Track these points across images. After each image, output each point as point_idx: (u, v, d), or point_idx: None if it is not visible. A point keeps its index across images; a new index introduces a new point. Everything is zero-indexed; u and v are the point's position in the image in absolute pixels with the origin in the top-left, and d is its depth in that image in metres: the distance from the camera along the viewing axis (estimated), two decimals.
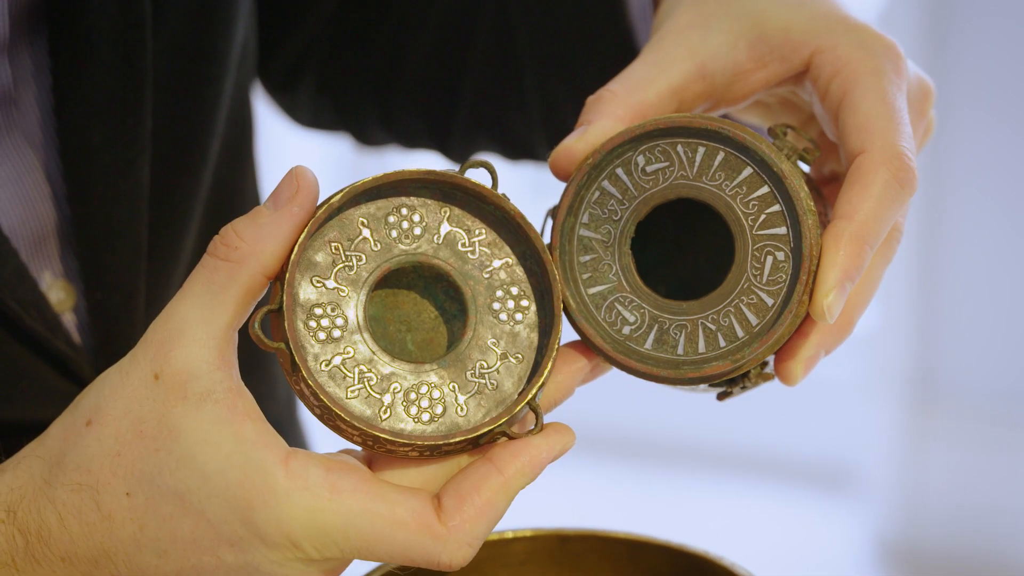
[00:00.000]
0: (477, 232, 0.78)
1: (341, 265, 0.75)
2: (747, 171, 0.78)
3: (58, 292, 0.93)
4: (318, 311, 0.75)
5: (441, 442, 0.74)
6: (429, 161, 1.00)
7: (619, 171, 0.79)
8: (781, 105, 0.88)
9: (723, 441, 2.88)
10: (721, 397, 0.80)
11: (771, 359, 0.79)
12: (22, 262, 0.89)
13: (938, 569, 2.58)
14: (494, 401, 0.76)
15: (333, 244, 0.75)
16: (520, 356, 0.77)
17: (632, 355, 0.79)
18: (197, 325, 0.73)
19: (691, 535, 0.96)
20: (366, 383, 0.75)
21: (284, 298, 0.73)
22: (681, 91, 0.81)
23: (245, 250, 0.73)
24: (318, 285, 0.75)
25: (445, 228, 0.77)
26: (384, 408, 0.75)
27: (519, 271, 0.78)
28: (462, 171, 0.77)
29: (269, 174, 1.32)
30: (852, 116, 0.79)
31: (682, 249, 0.85)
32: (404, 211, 0.77)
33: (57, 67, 0.90)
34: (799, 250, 0.77)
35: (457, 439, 0.74)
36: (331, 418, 0.74)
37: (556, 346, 0.77)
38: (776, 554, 2.59)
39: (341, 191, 0.75)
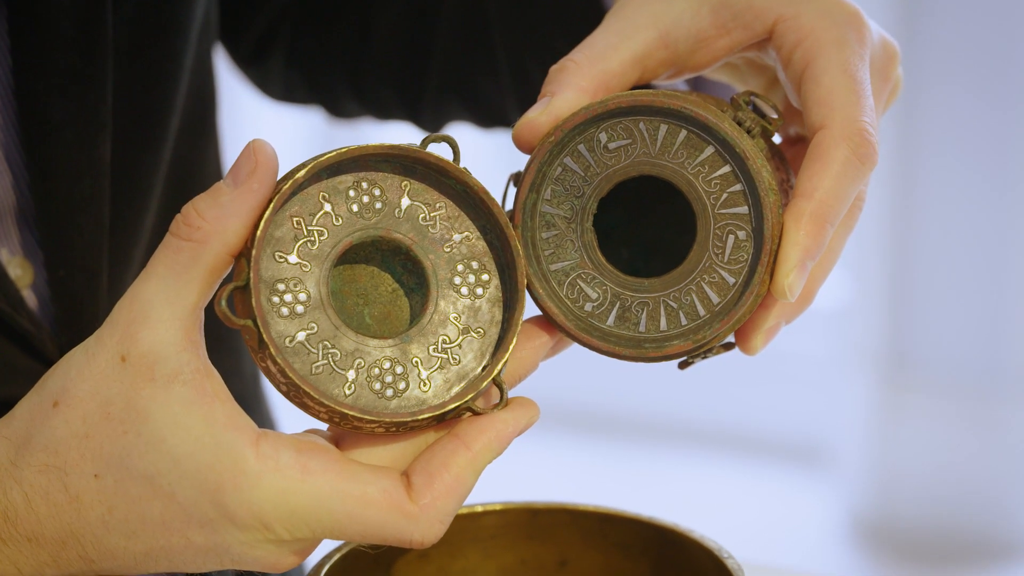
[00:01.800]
0: (438, 206, 0.78)
1: (303, 240, 0.75)
2: (709, 150, 0.78)
3: (15, 269, 0.92)
4: (281, 287, 0.74)
5: (408, 419, 0.74)
6: (393, 136, 0.99)
7: (581, 148, 0.79)
8: (748, 66, 0.87)
9: (696, 417, 2.89)
10: (682, 366, 0.80)
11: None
12: None
13: (911, 544, 2.59)
14: (457, 375, 0.76)
15: (295, 219, 0.75)
16: (481, 330, 0.77)
17: (594, 332, 0.79)
18: (163, 306, 0.72)
19: (664, 510, 0.96)
20: (330, 359, 0.74)
21: (251, 275, 0.72)
22: (644, 59, 0.81)
23: (207, 229, 0.72)
24: (280, 260, 0.74)
25: (406, 202, 0.77)
26: (348, 384, 0.74)
27: (480, 245, 0.78)
28: (423, 145, 0.77)
29: (236, 149, 1.31)
30: (814, 88, 0.78)
31: (645, 218, 0.85)
32: (365, 185, 0.76)
33: (16, 44, 0.89)
34: (760, 230, 0.77)
35: (424, 416, 0.74)
36: (297, 395, 0.73)
37: (519, 321, 0.77)
38: (749, 530, 2.59)
39: (304, 166, 0.75)
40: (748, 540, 2.54)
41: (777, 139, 0.88)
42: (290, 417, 1.19)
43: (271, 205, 0.73)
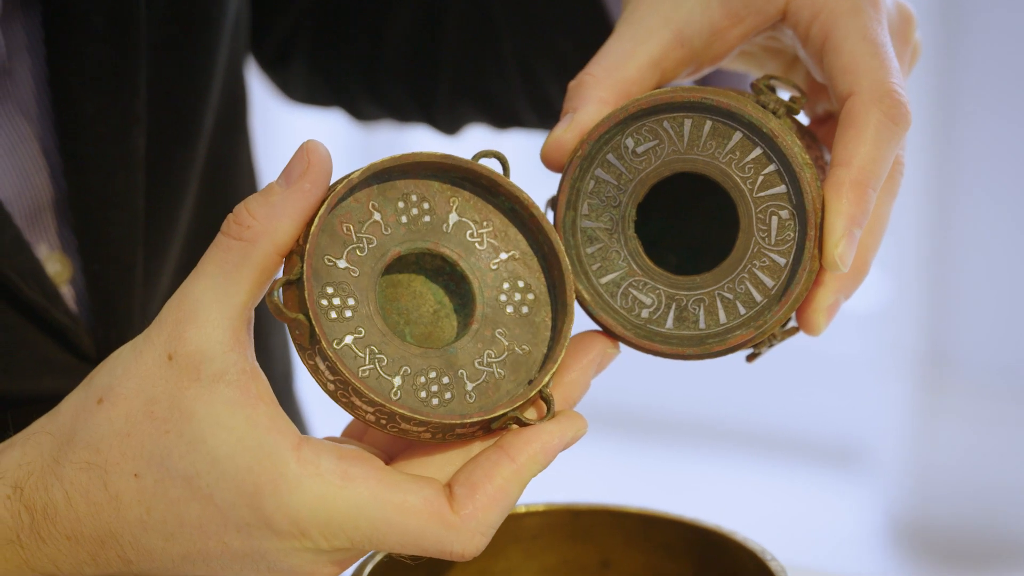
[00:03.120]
0: (485, 223, 0.77)
1: (352, 246, 0.75)
2: (737, 136, 0.77)
3: (54, 264, 0.92)
4: (330, 289, 0.74)
5: (456, 422, 0.73)
6: (443, 145, 0.99)
7: (610, 157, 0.79)
8: (764, 52, 0.87)
9: (736, 417, 2.88)
10: (750, 358, 0.80)
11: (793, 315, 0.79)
12: (19, 232, 0.88)
13: (949, 546, 2.57)
14: (502, 391, 0.75)
15: (345, 225, 0.75)
16: (527, 347, 0.76)
17: (655, 337, 0.78)
18: (211, 305, 0.72)
19: (703, 511, 0.96)
20: (377, 364, 0.74)
21: (304, 268, 0.72)
22: (661, 61, 0.81)
23: (258, 228, 0.72)
24: (330, 263, 0.74)
25: (454, 218, 0.77)
26: (395, 390, 0.74)
27: (528, 262, 0.78)
28: (475, 158, 0.77)
29: (267, 150, 1.32)
30: (836, 58, 0.78)
31: (687, 218, 0.85)
32: (414, 198, 0.76)
33: (51, 38, 0.89)
34: (802, 206, 0.76)
35: (472, 419, 0.73)
36: (346, 393, 0.72)
37: (568, 334, 0.76)
38: (788, 530, 2.59)
39: (360, 169, 0.74)
40: (786, 541, 2.54)
41: (805, 121, 0.87)
42: (321, 421, 1.19)
43: (325, 204, 0.73)
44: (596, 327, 0.79)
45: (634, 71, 0.80)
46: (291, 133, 2.63)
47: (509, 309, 0.77)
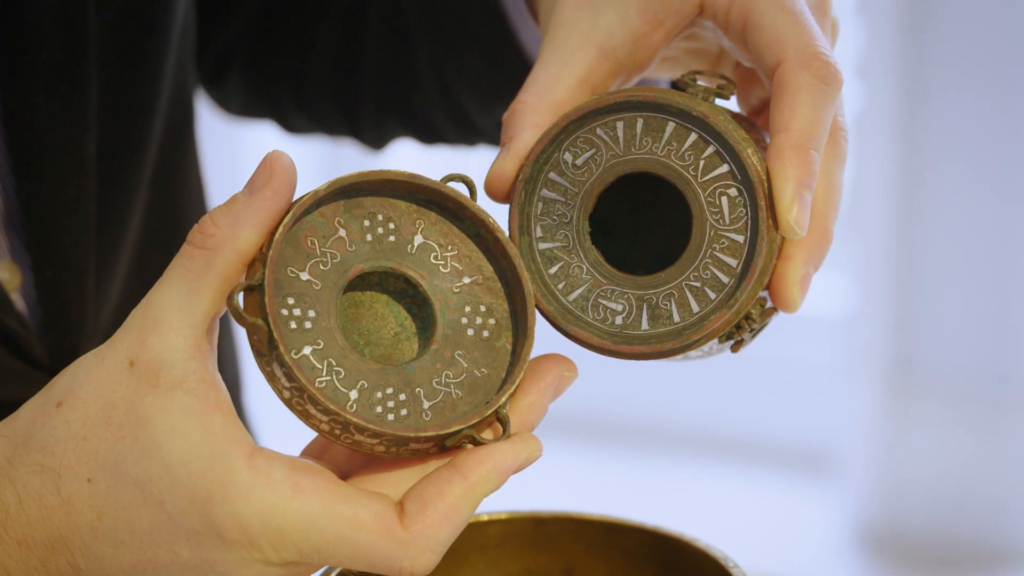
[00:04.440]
0: (450, 247, 0.78)
1: (316, 260, 0.75)
2: (671, 126, 0.78)
3: (3, 272, 0.92)
4: (291, 300, 0.74)
5: (411, 434, 0.73)
6: (412, 165, 1.00)
7: (552, 176, 0.79)
8: (687, 55, 0.88)
9: (703, 424, 2.89)
10: (735, 348, 0.80)
11: (767, 295, 0.79)
12: None
13: (918, 552, 2.58)
14: (458, 411, 0.75)
15: (310, 238, 0.75)
16: (486, 370, 0.76)
17: (634, 341, 0.78)
18: (174, 313, 0.72)
19: (671, 518, 0.96)
20: (334, 376, 0.74)
21: (266, 274, 0.72)
22: (589, 78, 0.82)
23: (220, 236, 0.72)
24: (292, 275, 0.74)
25: (419, 240, 0.77)
26: (351, 403, 0.73)
27: (491, 287, 0.78)
28: (444, 181, 0.77)
29: (215, 161, 1.33)
30: (759, 34, 0.79)
31: (650, 227, 0.85)
32: (380, 217, 0.77)
33: (1, 45, 0.89)
34: (748, 180, 0.77)
35: (427, 433, 0.73)
36: (301, 401, 0.72)
37: (527, 357, 0.76)
38: (756, 537, 2.59)
39: (326, 183, 0.75)
40: (753, 548, 2.54)
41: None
42: (269, 431, 1.19)
43: (290, 213, 0.73)
44: (556, 351, 0.79)
45: (564, 92, 0.81)
46: (255, 147, 2.63)
47: (470, 332, 0.77)
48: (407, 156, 1.19)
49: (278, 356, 0.72)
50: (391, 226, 0.77)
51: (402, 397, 0.74)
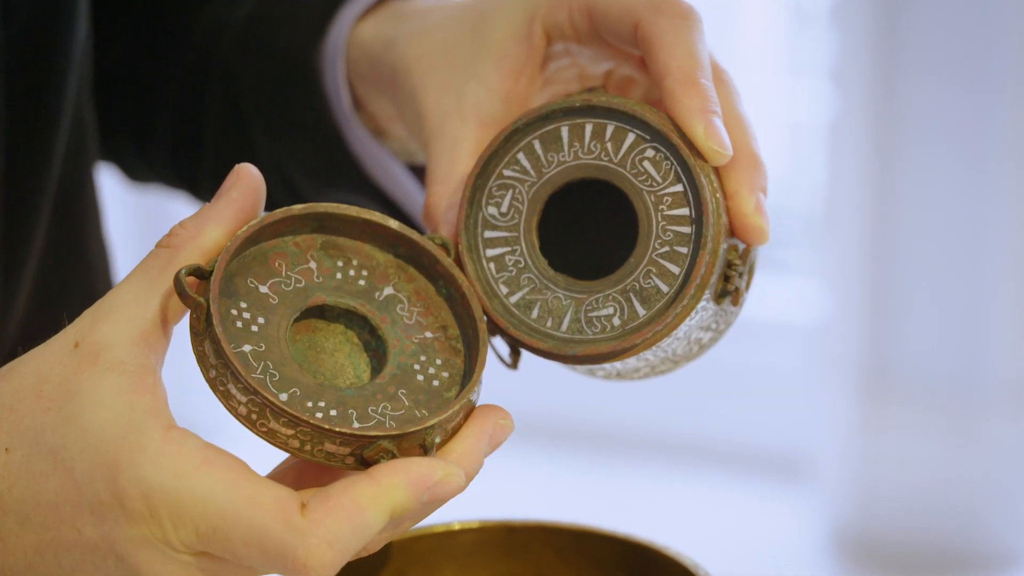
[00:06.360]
0: (419, 303, 0.78)
1: (279, 280, 0.75)
2: (588, 127, 0.80)
3: None
4: (243, 304, 0.74)
5: (327, 426, 0.71)
6: (394, 214, 1.00)
7: (486, 211, 0.81)
8: (563, 82, 0.89)
9: (674, 431, 2.89)
10: (735, 299, 0.80)
11: (738, 243, 0.79)
12: None
13: (892, 558, 2.59)
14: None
15: (278, 261, 0.75)
16: (426, 413, 0.75)
17: (632, 333, 0.78)
18: (129, 304, 0.72)
19: (641, 526, 0.96)
20: (268, 377, 0.73)
21: (219, 260, 0.72)
22: (480, 149, 0.83)
23: (184, 236, 0.74)
24: (252, 285, 0.75)
25: (388, 291, 0.77)
26: (275, 392, 0.73)
27: (453, 345, 0.78)
28: (426, 236, 0.78)
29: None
30: (607, 16, 0.81)
31: (603, 229, 0.85)
32: (355, 262, 0.77)
33: None
34: (657, 133, 0.78)
35: (344, 430, 0.71)
36: (224, 380, 0.71)
37: (464, 399, 0.75)
38: (728, 545, 2.59)
39: (302, 205, 0.76)
40: (728, 555, 2.54)
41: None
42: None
43: (260, 219, 0.74)
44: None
45: (466, 169, 0.83)
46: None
47: (420, 378, 0.76)
48: None
49: (211, 333, 0.71)
50: (364, 273, 0.77)
51: (333, 413, 0.73)
